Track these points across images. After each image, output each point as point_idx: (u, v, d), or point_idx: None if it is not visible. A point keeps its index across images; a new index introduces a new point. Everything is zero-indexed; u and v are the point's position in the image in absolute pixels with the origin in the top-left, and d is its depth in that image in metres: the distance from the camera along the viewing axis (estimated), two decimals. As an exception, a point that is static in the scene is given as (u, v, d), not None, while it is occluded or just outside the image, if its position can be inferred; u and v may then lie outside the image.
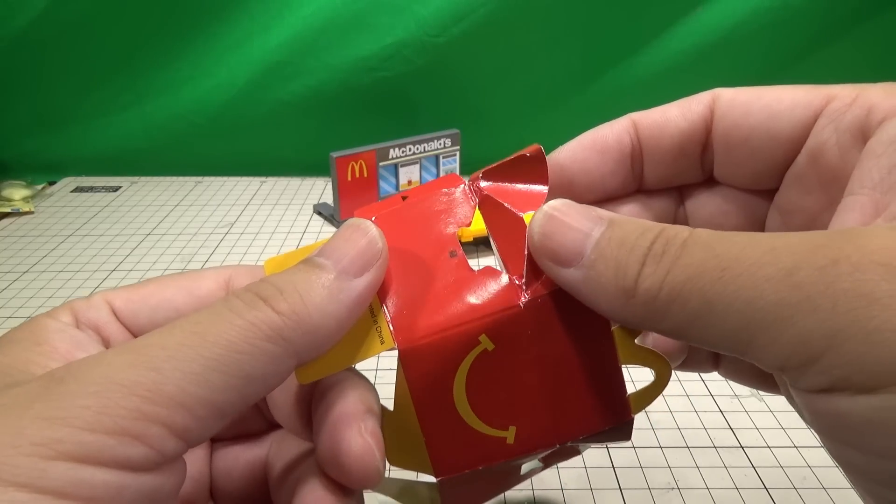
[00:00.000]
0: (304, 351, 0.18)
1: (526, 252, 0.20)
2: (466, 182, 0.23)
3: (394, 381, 0.21)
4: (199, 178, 0.86)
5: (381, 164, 0.72)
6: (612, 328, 0.21)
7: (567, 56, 0.80)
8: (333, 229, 0.72)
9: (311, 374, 0.20)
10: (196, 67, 0.81)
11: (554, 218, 0.19)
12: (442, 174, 0.78)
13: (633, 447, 0.40)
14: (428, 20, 0.75)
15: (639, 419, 0.23)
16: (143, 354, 0.16)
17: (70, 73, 0.81)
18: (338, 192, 0.70)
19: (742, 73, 0.80)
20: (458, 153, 0.78)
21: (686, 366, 0.25)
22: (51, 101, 0.83)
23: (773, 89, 0.22)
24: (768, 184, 0.23)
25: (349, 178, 0.71)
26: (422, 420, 0.20)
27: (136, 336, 0.22)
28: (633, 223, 0.18)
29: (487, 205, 0.22)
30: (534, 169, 0.22)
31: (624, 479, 0.38)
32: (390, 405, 0.21)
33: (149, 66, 0.81)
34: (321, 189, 0.83)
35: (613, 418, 0.21)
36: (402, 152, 0.73)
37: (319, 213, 0.76)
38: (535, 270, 0.20)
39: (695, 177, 0.24)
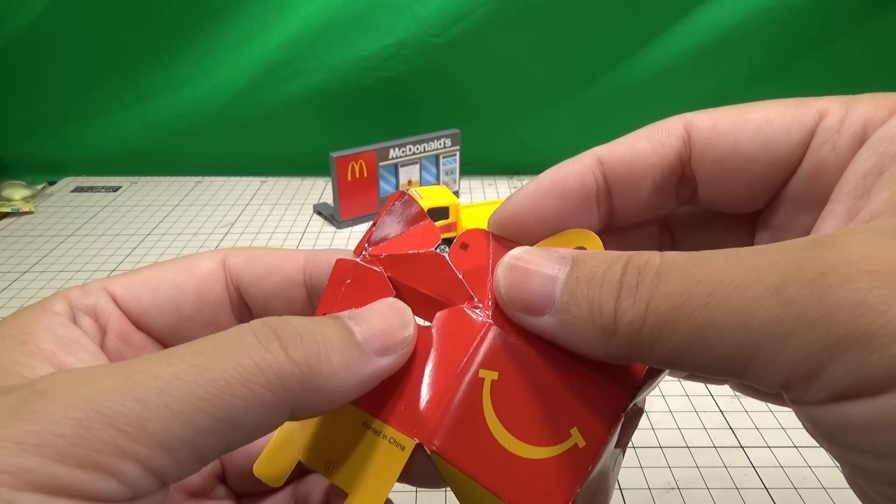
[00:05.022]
0: (299, 408, 0.17)
1: (460, 276, 0.21)
2: (357, 259, 0.22)
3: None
4: (199, 178, 0.87)
5: (381, 164, 0.72)
6: None
7: (567, 56, 0.80)
8: (333, 229, 0.72)
9: None
10: (196, 67, 0.81)
11: (516, 267, 0.19)
12: (442, 174, 0.78)
13: (634, 447, 0.40)
14: (428, 20, 0.75)
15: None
16: (132, 381, 0.15)
17: (70, 73, 0.81)
18: (338, 192, 0.70)
19: (742, 73, 0.80)
20: (458, 153, 0.78)
21: (697, 377, 0.24)
22: (51, 101, 0.83)
23: (754, 109, 0.21)
24: (761, 204, 0.22)
25: (349, 178, 0.71)
26: (499, 489, 0.19)
27: (136, 323, 0.22)
28: (597, 257, 0.18)
29: (394, 264, 0.22)
30: (409, 212, 0.22)
31: (624, 479, 0.38)
32: None
33: (148, 66, 0.81)
34: (321, 189, 0.83)
35: None
36: (402, 152, 0.74)
37: (319, 213, 0.76)
38: (478, 285, 0.20)
39: (668, 208, 0.23)
